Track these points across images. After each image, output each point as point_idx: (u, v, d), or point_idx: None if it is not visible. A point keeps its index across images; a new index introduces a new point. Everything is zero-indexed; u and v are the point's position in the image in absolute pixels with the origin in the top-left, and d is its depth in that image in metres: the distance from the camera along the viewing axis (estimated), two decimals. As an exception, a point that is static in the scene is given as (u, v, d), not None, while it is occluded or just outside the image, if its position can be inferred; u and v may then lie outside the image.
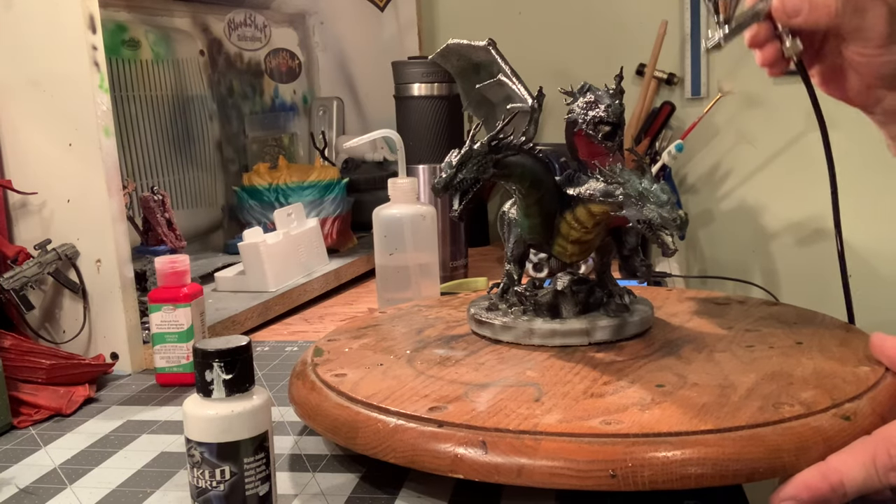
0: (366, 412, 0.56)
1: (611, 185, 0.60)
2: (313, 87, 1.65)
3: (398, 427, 0.53)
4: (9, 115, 0.82)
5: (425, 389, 0.58)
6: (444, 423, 0.52)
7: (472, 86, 0.74)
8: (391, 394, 0.57)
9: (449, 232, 1.16)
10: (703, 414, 0.51)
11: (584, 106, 0.64)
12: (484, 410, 0.54)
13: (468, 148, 0.60)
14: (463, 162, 0.59)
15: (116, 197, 0.81)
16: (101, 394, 0.77)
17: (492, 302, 0.71)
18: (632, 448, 0.48)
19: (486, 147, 0.60)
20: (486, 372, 0.61)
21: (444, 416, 0.53)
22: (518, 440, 0.50)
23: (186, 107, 1.29)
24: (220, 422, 0.46)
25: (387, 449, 0.53)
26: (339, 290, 1.17)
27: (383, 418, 0.54)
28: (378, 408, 0.55)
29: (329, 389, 0.60)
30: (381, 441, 0.53)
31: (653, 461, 0.47)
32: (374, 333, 0.73)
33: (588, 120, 0.63)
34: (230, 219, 1.38)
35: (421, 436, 0.52)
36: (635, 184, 0.58)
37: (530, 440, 0.50)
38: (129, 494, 0.57)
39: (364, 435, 0.54)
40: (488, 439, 0.50)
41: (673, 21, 1.57)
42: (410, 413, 0.54)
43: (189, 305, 0.78)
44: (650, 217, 0.58)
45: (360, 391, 0.58)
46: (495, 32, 1.62)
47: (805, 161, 1.59)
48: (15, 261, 0.81)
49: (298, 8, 1.61)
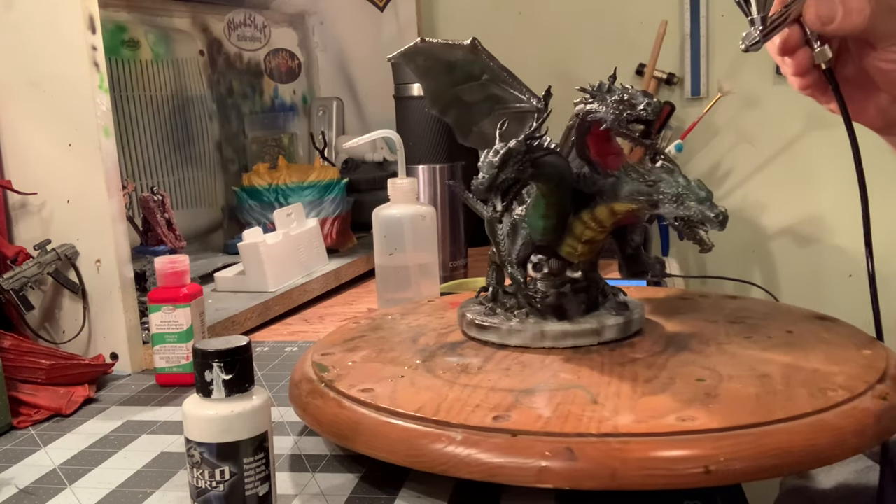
0: (423, 428, 0.52)
1: (645, 182, 0.59)
2: (313, 87, 1.65)
3: (467, 440, 0.50)
4: (9, 115, 0.82)
5: (471, 399, 0.55)
6: (519, 433, 0.50)
7: (442, 86, 0.71)
8: (439, 406, 0.54)
9: (449, 232, 1.16)
10: (765, 404, 0.52)
11: (614, 105, 0.61)
12: (552, 416, 0.52)
13: (507, 148, 0.58)
14: (504, 162, 0.58)
15: (116, 197, 0.81)
16: (101, 394, 0.77)
17: (490, 306, 0.69)
18: (720, 442, 0.48)
19: (523, 146, 0.59)
20: (519, 377, 0.59)
21: (513, 425, 0.51)
22: (605, 444, 0.48)
23: (186, 107, 1.29)
24: (219, 422, 0.46)
25: (459, 465, 0.50)
26: (338, 291, 1.17)
27: (447, 433, 0.51)
28: (435, 421, 0.52)
29: (363, 406, 0.56)
30: (450, 458, 0.50)
31: (743, 454, 0.47)
32: (367, 345, 0.70)
33: (622, 119, 0.61)
34: (230, 219, 1.38)
35: (496, 448, 0.49)
36: (673, 181, 0.58)
37: (617, 443, 0.48)
38: (128, 495, 0.57)
39: (430, 453, 0.51)
40: (573, 446, 0.48)
41: (673, 21, 1.57)
42: (475, 425, 0.51)
43: (189, 306, 0.78)
44: (690, 214, 0.57)
45: (402, 404, 0.55)
46: (495, 32, 1.62)
47: (805, 161, 1.59)
48: (15, 261, 0.81)
49: (298, 8, 1.61)
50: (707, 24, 1.59)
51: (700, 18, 1.58)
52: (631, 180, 0.61)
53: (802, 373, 0.57)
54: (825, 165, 1.58)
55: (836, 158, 1.56)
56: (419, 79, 0.73)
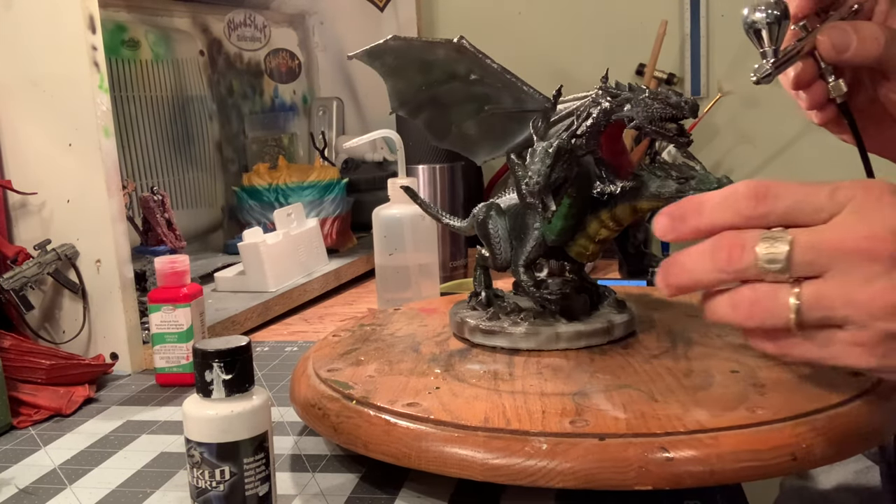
0: (500, 439, 0.50)
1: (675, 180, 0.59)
2: (313, 87, 1.65)
3: (556, 449, 0.49)
4: (9, 115, 0.82)
5: (529, 405, 0.53)
6: (606, 436, 0.49)
7: (413, 86, 0.68)
8: (503, 414, 0.52)
9: (449, 232, 1.16)
10: (821, 388, 0.53)
11: (644, 104, 0.59)
12: (628, 416, 0.51)
13: (556, 146, 0.57)
14: (556, 160, 0.58)
15: (116, 197, 0.81)
16: (101, 394, 0.77)
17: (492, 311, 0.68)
18: (799, 429, 0.49)
19: (569, 144, 0.58)
20: (560, 380, 0.58)
21: (594, 429, 0.50)
22: (696, 440, 0.48)
23: (186, 107, 1.29)
24: (219, 422, 0.46)
25: (551, 473, 0.48)
26: (338, 291, 1.17)
27: (532, 441, 0.49)
28: (511, 431, 0.50)
29: (418, 422, 0.53)
30: (539, 468, 0.49)
31: (819, 438, 0.48)
32: (370, 358, 0.66)
33: (656, 117, 0.59)
34: (230, 219, 1.38)
35: (588, 452, 0.48)
36: (706, 178, 0.58)
37: (708, 439, 0.48)
38: (128, 494, 0.57)
39: (512, 465, 0.49)
40: (666, 445, 0.48)
41: (673, 21, 1.57)
42: (557, 431, 0.50)
43: (189, 305, 0.78)
44: None
45: (467, 417, 0.52)
46: (495, 32, 1.62)
47: (805, 161, 1.59)
48: (15, 261, 0.81)
49: (298, 8, 1.61)
50: (707, 24, 1.59)
51: (700, 18, 1.58)
52: (656, 178, 0.60)
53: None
54: (825, 165, 1.58)
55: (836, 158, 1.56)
56: (384, 78, 0.69)
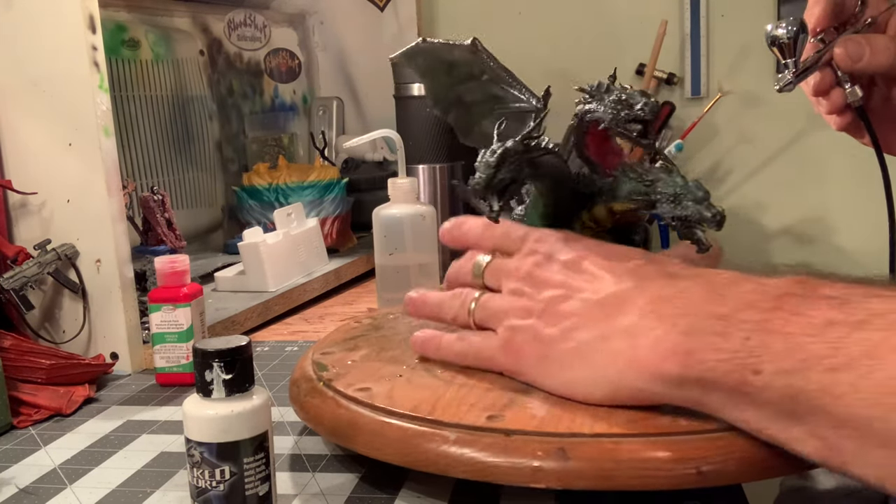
0: (417, 427, 0.52)
1: (642, 182, 0.59)
2: (313, 87, 1.65)
3: (461, 440, 0.50)
4: (9, 115, 0.82)
5: (467, 398, 0.55)
6: (513, 433, 0.50)
7: (442, 86, 0.70)
8: (435, 405, 0.54)
9: (449, 232, 1.16)
10: None
11: (612, 105, 0.60)
12: (546, 416, 0.52)
13: (504, 148, 0.58)
14: (500, 162, 0.58)
15: (116, 197, 0.81)
16: (101, 394, 0.77)
17: None
18: (713, 444, 0.48)
19: (520, 146, 0.58)
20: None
21: (508, 425, 0.51)
22: (598, 443, 0.48)
23: (186, 107, 1.29)
24: (219, 422, 0.46)
25: (455, 463, 0.50)
26: (339, 290, 1.17)
27: (441, 432, 0.51)
28: (430, 420, 0.52)
29: (360, 405, 0.56)
30: (442, 457, 0.50)
31: (735, 455, 0.47)
32: (367, 344, 0.70)
33: (620, 118, 0.60)
34: (230, 219, 1.38)
35: (490, 447, 0.50)
36: (670, 181, 0.58)
37: (610, 443, 0.48)
38: (128, 494, 0.57)
39: (421, 451, 0.51)
40: (566, 446, 0.48)
41: (673, 21, 1.57)
42: (469, 424, 0.51)
43: (189, 305, 0.78)
44: (688, 214, 0.57)
45: (399, 403, 0.55)
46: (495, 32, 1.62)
47: (805, 161, 1.59)
48: (15, 261, 0.81)
49: (298, 8, 1.61)
50: (707, 24, 1.59)
51: (700, 18, 1.58)
52: (629, 180, 0.60)
53: None
54: (826, 165, 1.58)
55: (837, 158, 1.56)
56: (421, 79, 0.73)
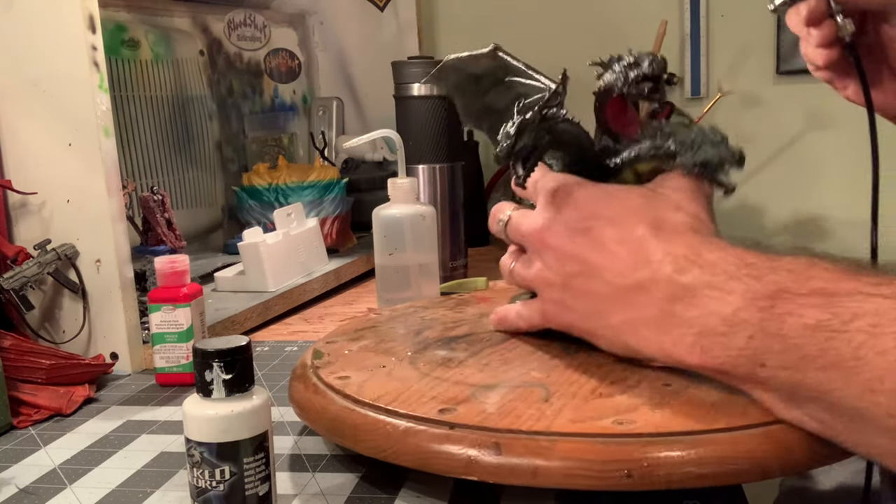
0: (373, 415, 0.55)
1: (660, 137, 0.60)
2: (313, 87, 1.65)
3: (408, 430, 0.53)
4: (9, 115, 0.82)
5: (432, 391, 0.57)
6: (456, 426, 0.52)
7: (471, 99, 0.72)
8: (398, 396, 0.57)
9: (449, 232, 1.16)
10: (715, 412, 0.51)
11: (622, 69, 0.62)
12: (494, 412, 0.53)
13: (522, 118, 0.59)
14: (520, 131, 0.59)
15: (116, 197, 0.81)
16: (101, 394, 0.77)
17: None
18: (646, 448, 0.48)
19: (538, 115, 0.60)
20: (491, 373, 0.61)
21: (455, 418, 0.52)
22: (533, 441, 0.49)
23: (186, 107, 1.29)
24: (219, 422, 0.46)
25: (397, 452, 0.52)
26: (338, 290, 1.17)
27: (392, 421, 0.54)
28: (386, 410, 0.55)
29: (333, 392, 0.59)
30: (390, 444, 0.53)
31: (668, 460, 0.47)
32: (373, 335, 0.72)
33: (630, 80, 0.62)
34: (230, 219, 1.38)
35: (433, 438, 0.51)
36: (687, 131, 0.58)
37: (545, 441, 0.49)
38: (128, 494, 0.57)
39: (372, 438, 0.54)
40: (502, 441, 0.50)
41: (673, 21, 1.57)
42: (420, 415, 0.53)
43: (189, 305, 0.78)
44: (707, 158, 0.58)
45: (366, 393, 0.57)
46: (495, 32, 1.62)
47: (805, 161, 1.59)
48: (15, 261, 0.81)
49: (298, 8, 1.61)
50: (707, 24, 1.59)
51: (700, 18, 1.58)
52: (648, 138, 0.61)
53: None
54: (825, 165, 1.58)
55: (837, 158, 1.56)
56: (453, 97, 0.73)
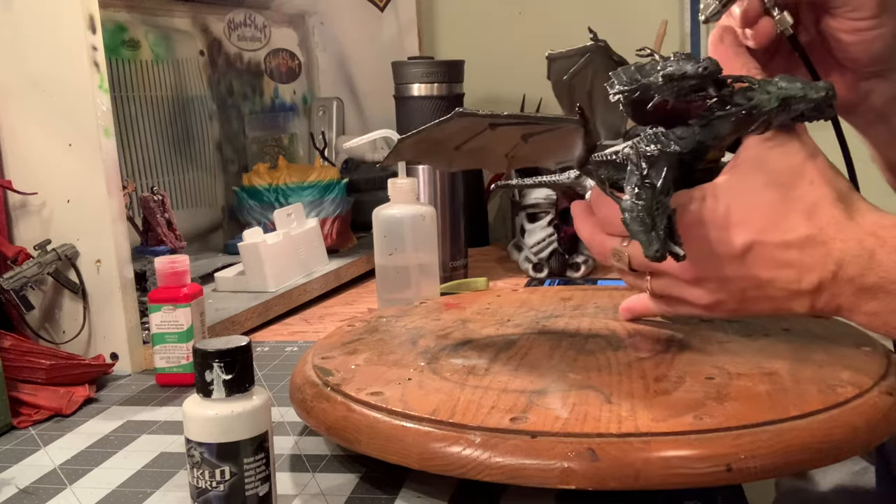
0: (439, 431, 0.52)
1: (740, 112, 0.56)
2: (313, 87, 1.65)
3: (486, 443, 0.50)
4: (9, 115, 0.82)
5: (484, 400, 0.55)
6: (538, 434, 0.50)
7: (446, 152, 0.66)
8: (453, 408, 0.54)
9: (449, 232, 1.16)
10: (778, 402, 0.52)
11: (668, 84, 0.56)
12: (570, 417, 0.51)
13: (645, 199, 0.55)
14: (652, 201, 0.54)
15: (116, 197, 0.81)
16: (101, 394, 0.77)
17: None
18: (739, 440, 0.48)
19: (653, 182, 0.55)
20: (529, 378, 0.59)
21: (531, 426, 0.50)
22: (626, 443, 0.48)
23: (186, 107, 1.29)
24: (219, 422, 0.46)
25: (480, 467, 0.50)
26: (339, 291, 1.17)
27: (465, 435, 0.51)
28: (451, 424, 0.52)
29: (374, 409, 0.56)
30: (470, 461, 0.50)
31: (761, 451, 0.48)
32: (367, 348, 0.69)
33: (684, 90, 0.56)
34: (230, 219, 1.38)
35: (516, 450, 0.49)
36: (765, 97, 0.55)
37: (638, 442, 0.48)
38: (128, 495, 0.57)
39: (447, 455, 0.51)
40: (595, 446, 0.48)
41: (673, 21, 1.57)
42: (494, 427, 0.51)
43: (189, 306, 0.78)
44: (801, 110, 0.56)
45: (416, 407, 0.54)
46: (495, 32, 1.62)
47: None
48: (15, 261, 0.81)
49: (298, 8, 1.61)
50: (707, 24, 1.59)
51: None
52: (724, 118, 0.57)
53: (808, 370, 0.57)
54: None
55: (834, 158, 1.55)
56: (422, 162, 0.70)
